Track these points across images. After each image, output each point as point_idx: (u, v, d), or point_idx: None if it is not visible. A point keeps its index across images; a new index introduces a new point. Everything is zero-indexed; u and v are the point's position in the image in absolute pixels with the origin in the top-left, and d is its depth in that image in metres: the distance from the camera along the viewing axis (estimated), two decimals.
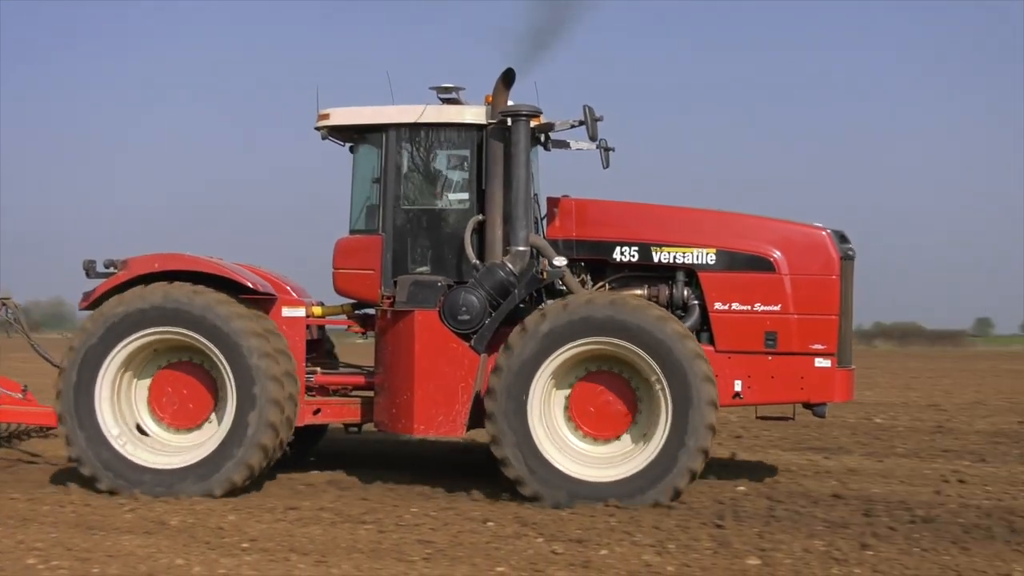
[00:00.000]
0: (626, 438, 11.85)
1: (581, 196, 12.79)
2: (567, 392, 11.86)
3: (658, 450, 11.38)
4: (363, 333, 13.27)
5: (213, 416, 12.09)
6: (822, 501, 11.77)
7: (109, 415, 11.78)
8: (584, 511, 10.97)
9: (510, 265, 12.03)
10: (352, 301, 13.18)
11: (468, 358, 11.93)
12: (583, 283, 12.50)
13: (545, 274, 11.97)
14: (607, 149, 12.91)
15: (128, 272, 12.03)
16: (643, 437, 11.69)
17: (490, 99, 12.62)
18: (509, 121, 12.20)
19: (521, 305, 12.19)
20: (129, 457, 11.73)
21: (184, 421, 12.11)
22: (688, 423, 11.31)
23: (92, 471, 11.72)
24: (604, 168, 13.04)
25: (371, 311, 13.06)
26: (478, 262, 12.19)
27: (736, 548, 9.58)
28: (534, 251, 12.25)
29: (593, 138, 12.14)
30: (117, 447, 11.74)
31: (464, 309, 11.92)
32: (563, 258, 12.09)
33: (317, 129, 12.94)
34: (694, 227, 12.45)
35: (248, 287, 12.08)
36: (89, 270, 12.52)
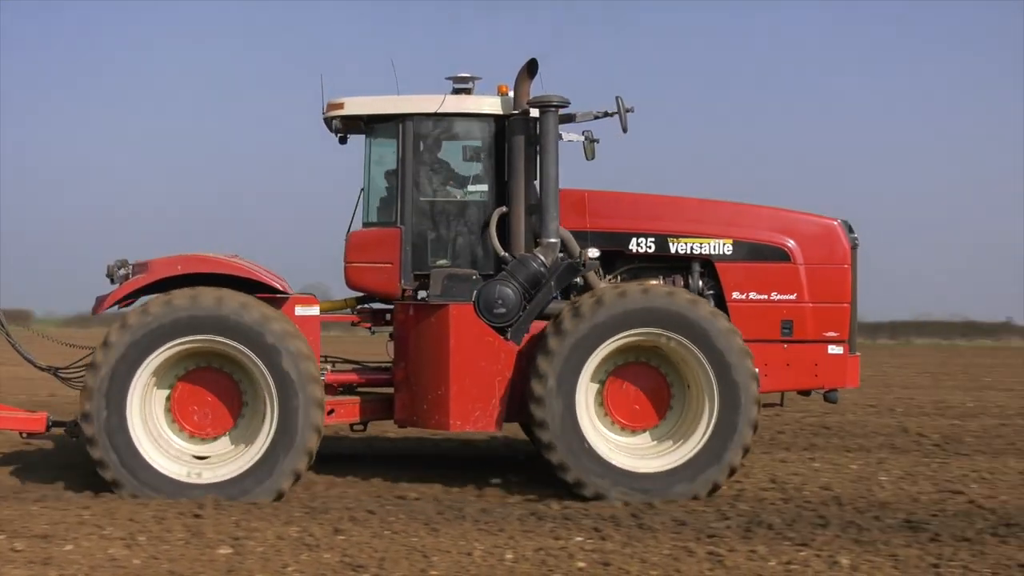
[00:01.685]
0: (658, 430, 11.99)
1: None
2: (602, 380, 11.90)
3: (701, 444, 11.56)
4: (370, 328, 12.99)
5: (239, 424, 11.69)
6: (305, 488, 12.01)
7: (139, 423, 11.30)
8: (56, 505, 10.70)
9: (541, 257, 11.97)
10: (357, 295, 12.92)
11: (504, 351, 11.84)
12: (596, 273, 12.51)
13: (586, 264, 11.94)
14: (592, 140, 12.59)
15: (150, 275, 11.52)
16: (679, 430, 11.85)
17: (504, 89, 12.52)
18: (531, 112, 12.11)
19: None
20: (156, 465, 11.32)
21: (206, 430, 11.68)
22: (734, 419, 11.52)
23: (114, 475, 11.22)
24: (588, 160, 12.71)
25: (379, 305, 12.85)
26: (507, 254, 12.09)
27: (209, 538, 9.58)
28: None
29: (624, 130, 12.12)
30: (145, 456, 11.30)
31: (500, 302, 11.81)
32: (596, 250, 12.09)
33: (328, 119, 12.60)
34: (710, 218, 12.58)
35: (276, 288, 11.74)
36: (113, 275, 11.97)
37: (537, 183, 12.31)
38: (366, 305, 12.97)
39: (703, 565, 8.88)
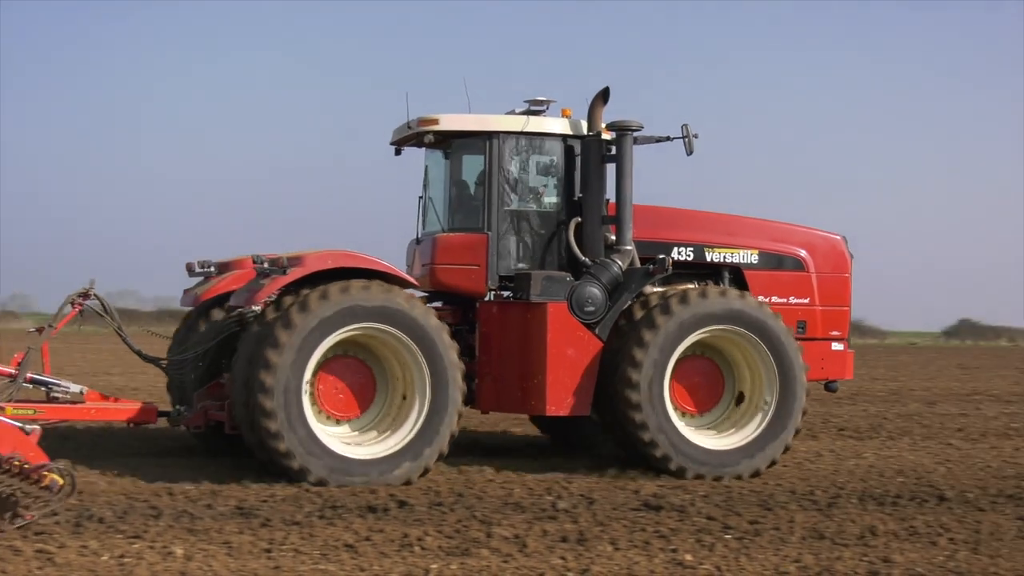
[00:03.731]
0: (715, 413, 13.79)
1: None
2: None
3: (763, 426, 13.45)
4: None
5: (370, 409, 12.79)
6: None
7: (308, 407, 12.22)
8: None
9: (619, 262, 13.59)
10: (423, 294, 14.15)
11: (592, 344, 13.35)
12: None
13: (668, 269, 13.62)
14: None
15: (304, 268, 12.42)
16: (736, 413, 13.70)
17: (567, 112, 14.08)
18: (603, 134, 13.73)
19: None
20: (334, 448, 12.27)
21: (343, 412, 12.72)
22: (791, 404, 13.46)
23: (301, 463, 12.05)
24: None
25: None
26: (587, 260, 13.62)
27: None
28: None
29: (689, 153, 13.84)
30: (323, 439, 12.23)
31: (590, 301, 13.34)
32: (667, 256, 13.78)
33: (418, 133, 13.83)
34: (739, 231, 14.55)
35: (412, 284, 12.99)
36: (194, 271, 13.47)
37: (607, 197, 13.92)
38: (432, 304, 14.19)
39: (32, 564, 8.69)
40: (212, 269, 14.25)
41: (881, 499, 12.04)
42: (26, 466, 9.80)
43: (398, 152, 14.80)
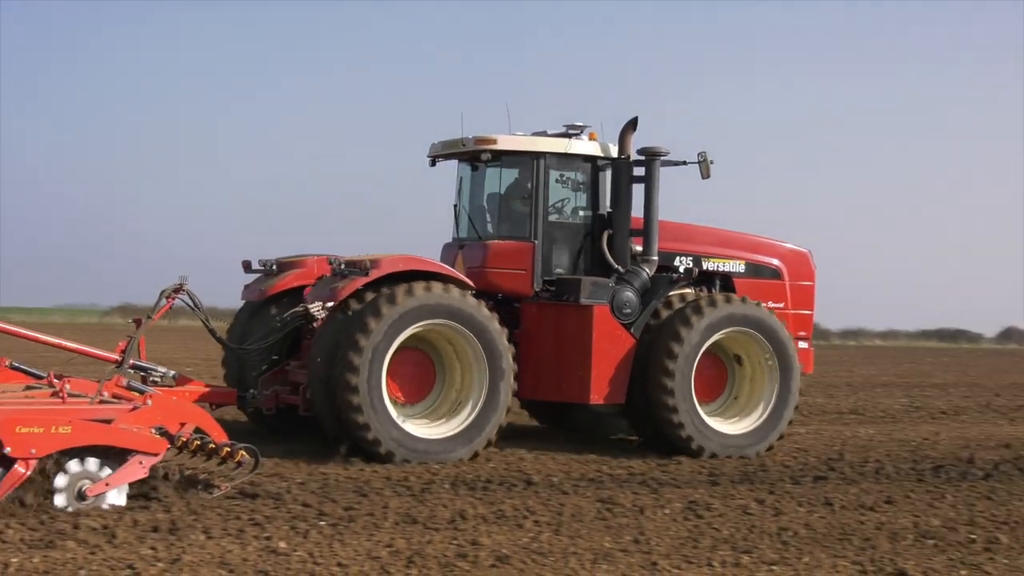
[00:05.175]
0: (717, 403, 15.94)
1: None
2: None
3: (768, 412, 15.68)
4: None
5: (430, 395, 14.45)
6: None
7: (385, 392, 13.76)
8: None
9: (647, 270, 15.55)
10: None
11: (628, 342, 15.28)
12: None
13: (694, 276, 15.63)
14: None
15: (379, 271, 13.94)
16: (739, 402, 15.89)
17: (594, 136, 15.93)
18: (633, 156, 15.67)
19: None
20: (404, 426, 13.87)
21: (404, 397, 14.31)
22: (789, 392, 15.76)
23: (375, 435, 13.54)
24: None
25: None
26: (619, 267, 15.52)
27: None
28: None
29: (705, 177, 15.88)
30: (398, 421, 13.82)
31: (627, 304, 15.26)
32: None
33: (475, 151, 15.44)
34: (729, 243, 16.77)
35: (471, 286, 14.58)
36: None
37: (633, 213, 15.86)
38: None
39: None
40: (273, 267, 15.53)
41: (472, 484, 12.57)
42: (211, 445, 11.10)
43: (433, 164, 16.36)
